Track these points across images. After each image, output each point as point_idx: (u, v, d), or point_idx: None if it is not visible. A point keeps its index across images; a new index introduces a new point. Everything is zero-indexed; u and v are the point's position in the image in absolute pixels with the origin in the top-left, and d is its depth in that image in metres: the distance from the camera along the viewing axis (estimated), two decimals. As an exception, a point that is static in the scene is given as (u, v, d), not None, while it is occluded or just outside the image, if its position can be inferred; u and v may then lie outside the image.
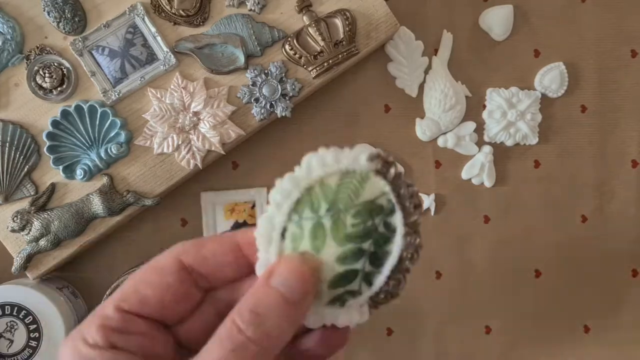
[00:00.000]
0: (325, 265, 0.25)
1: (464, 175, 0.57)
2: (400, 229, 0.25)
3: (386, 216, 0.25)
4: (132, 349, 0.24)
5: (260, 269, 0.25)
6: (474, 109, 0.57)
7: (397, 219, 0.25)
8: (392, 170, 0.25)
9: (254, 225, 0.27)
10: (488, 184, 0.57)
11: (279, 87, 0.51)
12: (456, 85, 0.57)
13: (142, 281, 0.25)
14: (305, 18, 0.52)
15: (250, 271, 0.26)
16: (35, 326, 0.49)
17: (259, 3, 0.51)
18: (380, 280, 0.25)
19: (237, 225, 0.56)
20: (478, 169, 0.57)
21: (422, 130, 0.56)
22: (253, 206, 0.56)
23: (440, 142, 0.57)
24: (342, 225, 0.24)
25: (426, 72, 0.57)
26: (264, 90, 0.51)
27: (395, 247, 0.25)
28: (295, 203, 0.25)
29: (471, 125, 0.57)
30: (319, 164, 0.25)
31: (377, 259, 0.25)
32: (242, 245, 0.26)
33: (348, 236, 0.24)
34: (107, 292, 0.51)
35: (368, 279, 0.25)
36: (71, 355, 0.24)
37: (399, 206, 0.25)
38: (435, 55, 0.57)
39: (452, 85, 0.56)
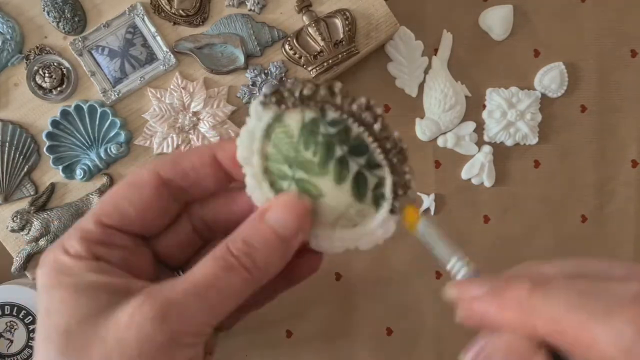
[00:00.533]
0: (325, 197, 0.25)
1: (464, 175, 0.57)
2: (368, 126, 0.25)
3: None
4: (113, 260, 0.24)
5: (250, 191, 0.26)
6: (473, 109, 0.57)
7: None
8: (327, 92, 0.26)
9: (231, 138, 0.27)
10: (488, 183, 0.57)
11: (279, 87, 0.51)
12: (456, 85, 0.57)
13: (122, 197, 0.25)
14: (305, 18, 0.52)
15: (227, 183, 0.27)
16: (35, 326, 0.49)
17: (258, 3, 0.51)
18: (384, 177, 0.26)
19: None
20: (478, 168, 0.57)
21: (422, 130, 0.56)
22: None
23: (440, 142, 0.57)
24: (315, 139, 0.25)
25: (426, 72, 0.57)
26: (264, 90, 0.51)
27: (371, 139, 0.26)
28: (273, 118, 0.25)
29: (471, 125, 0.57)
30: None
31: (369, 164, 0.26)
32: (221, 158, 0.26)
33: (326, 145, 0.25)
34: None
35: (373, 190, 0.26)
36: (52, 265, 0.24)
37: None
38: (435, 55, 0.57)
39: (452, 85, 0.56)
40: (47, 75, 0.50)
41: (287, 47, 0.51)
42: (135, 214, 0.25)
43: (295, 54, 0.51)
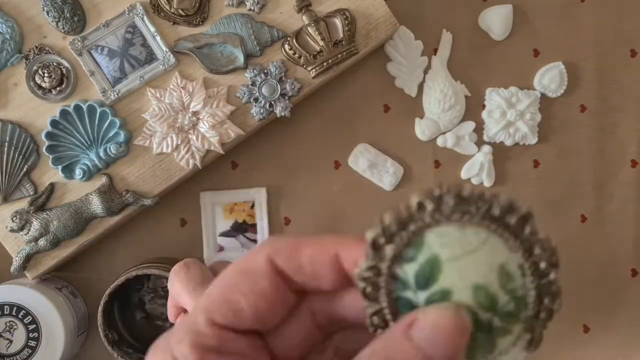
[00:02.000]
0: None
1: (464, 174, 0.57)
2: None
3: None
4: None
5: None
6: (473, 109, 0.57)
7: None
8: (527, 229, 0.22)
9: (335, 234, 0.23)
10: (487, 183, 0.57)
11: (279, 86, 0.51)
12: (455, 85, 0.57)
13: (232, 288, 0.22)
14: (304, 18, 0.51)
15: (349, 285, 0.22)
16: (34, 326, 0.49)
17: (258, 3, 0.51)
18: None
19: (236, 226, 0.56)
20: (477, 168, 0.57)
21: (422, 130, 0.56)
22: (252, 206, 0.56)
23: (439, 141, 0.57)
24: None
25: (425, 71, 0.57)
26: (264, 90, 0.51)
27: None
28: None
29: (470, 125, 0.57)
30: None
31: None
32: (343, 259, 0.22)
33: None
34: (107, 292, 0.51)
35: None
36: None
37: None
38: (435, 55, 0.57)
39: (452, 85, 0.56)
40: (46, 75, 0.50)
41: (286, 46, 0.51)
42: (250, 307, 0.21)
43: (294, 53, 0.51)
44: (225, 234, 0.56)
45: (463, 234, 0.20)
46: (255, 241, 0.56)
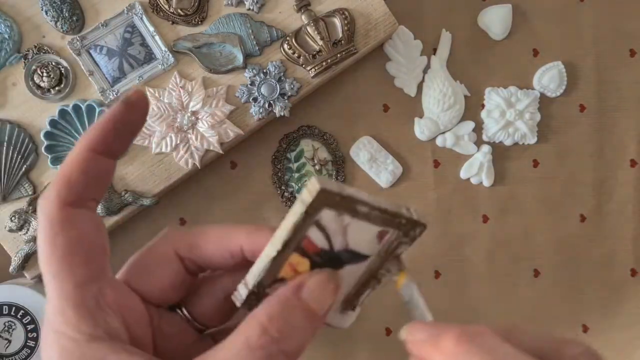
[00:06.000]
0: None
1: (463, 174, 0.57)
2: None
3: None
4: (116, 334, 0.24)
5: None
6: (472, 109, 0.57)
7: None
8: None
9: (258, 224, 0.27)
10: (487, 183, 0.57)
11: (278, 86, 0.51)
12: (455, 85, 0.57)
13: (143, 268, 0.27)
14: (303, 17, 0.51)
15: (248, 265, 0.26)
16: (33, 326, 0.49)
17: (257, 2, 0.51)
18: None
19: None
20: (477, 168, 0.57)
21: (421, 129, 0.56)
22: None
23: (438, 141, 0.57)
24: None
25: (425, 71, 0.57)
26: (263, 90, 0.51)
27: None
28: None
29: (470, 125, 0.57)
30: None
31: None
32: (246, 250, 0.26)
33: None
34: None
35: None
36: (53, 340, 0.24)
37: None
38: (434, 54, 0.57)
39: (451, 84, 0.56)
40: (45, 74, 0.50)
41: (285, 46, 0.51)
42: (156, 287, 0.27)
43: (294, 53, 0.51)
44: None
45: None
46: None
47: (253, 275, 0.26)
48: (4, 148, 0.50)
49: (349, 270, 0.27)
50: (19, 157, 0.50)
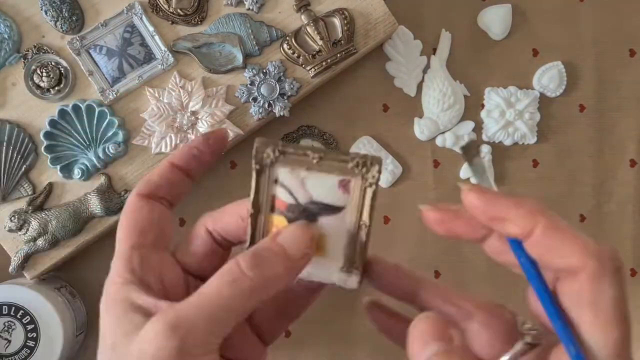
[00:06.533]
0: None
1: (463, 174, 0.57)
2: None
3: None
4: (150, 282, 0.29)
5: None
6: (472, 108, 0.57)
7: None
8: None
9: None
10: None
11: (277, 86, 0.51)
12: (455, 85, 0.57)
13: (184, 243, 0.32)
14: (303, 17, 0.51)
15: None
16: (32, 326, 0.49)
17: (257, 2, 0.51)
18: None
19: None
20: (476, 168, 0.57)
21: (420, 129, 0.56)
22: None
23: (438, 141, 0.57)
24: None
25: (425, 71, 0.57)
26: (262, 90, 0.51)
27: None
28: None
29: (469, 125, 0.57)
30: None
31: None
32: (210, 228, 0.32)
33: None
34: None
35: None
36: (106, 291, 0.30)
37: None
38: (434, 54, 0.57)
39: (451, 84, 0.56)
40: (44, 74, 0.50)
41: (285, 46, 0.51)
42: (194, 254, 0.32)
43: (293, 53, 0.51)
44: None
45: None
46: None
47: (247, 236, 0.30)
48: (4, 148, 0.50)
49: (329, 224, 0.29)
50: (19, 157, 0.50)
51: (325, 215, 0.29)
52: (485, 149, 0.57)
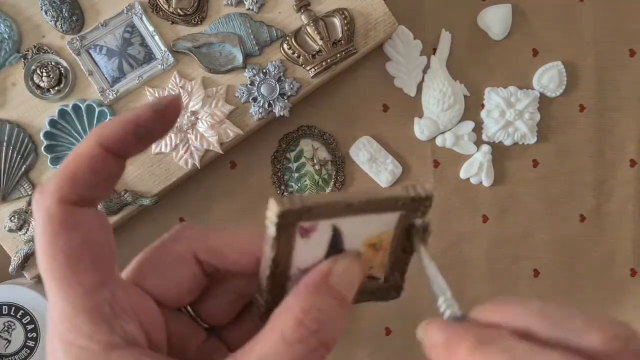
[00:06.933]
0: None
1: (463, 174, 0.57)
2: None
3: None
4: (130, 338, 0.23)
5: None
6: (472, 109, 0.57)
7: None
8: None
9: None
10: (487, 183, 0.57)
11: (277, 86, 0.51)
12: (455, 85, 0.57)
13: (156, 269, 0.25)
14: (303, 17, 0.51)
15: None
16: (32, 326, 0.49)
17: (257, 2, 0.51)
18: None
19: None
20: (477, 168, 0.57)
21: (421, 129, 0.56)
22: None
23: (438, 141, 0.57)
24: None
25: (424, 71, 0.57)
26: (262, 90, 0.51)
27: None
28: None
29: (470, 125, 0.57)
30: None
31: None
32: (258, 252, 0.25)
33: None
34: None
35: None
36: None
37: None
38: (434, 54, 0.57)
39: (451, 84, 0.56)
40: (44, 74, 0.50)
41: (285, 46, 0.51)
42: (170, 289, 0.25)
43: (293, 53, 0.51)
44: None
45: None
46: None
47: (260, 299, 0.25)
48: (4, 148, 0.50)
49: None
50: (19, 157, 0.50)
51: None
52: (485, 149, 0.57)
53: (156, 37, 0.50)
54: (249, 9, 0.52)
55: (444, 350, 0.21)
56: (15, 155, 0.50)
